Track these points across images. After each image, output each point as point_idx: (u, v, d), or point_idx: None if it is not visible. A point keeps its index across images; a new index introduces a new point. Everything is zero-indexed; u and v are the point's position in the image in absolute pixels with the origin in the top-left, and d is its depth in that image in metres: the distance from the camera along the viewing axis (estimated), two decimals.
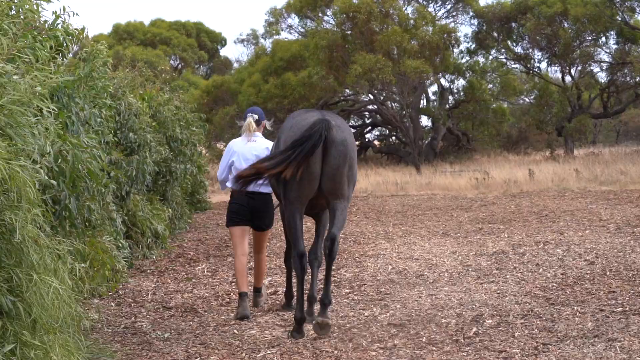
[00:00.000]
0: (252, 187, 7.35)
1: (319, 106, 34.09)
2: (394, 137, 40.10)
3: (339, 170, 6.65)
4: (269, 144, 7.81)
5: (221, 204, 20.54)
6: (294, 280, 7.41)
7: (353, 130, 40.11)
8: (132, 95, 11.49)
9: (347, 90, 36.18)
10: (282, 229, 7.66)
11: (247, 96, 33.67)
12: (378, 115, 37.52)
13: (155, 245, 11.85)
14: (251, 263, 9.82)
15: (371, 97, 35.16)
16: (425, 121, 38.78)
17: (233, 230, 7.88)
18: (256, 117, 7.94)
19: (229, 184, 7.96)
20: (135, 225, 11.25)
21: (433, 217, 15.92)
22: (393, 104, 34.25)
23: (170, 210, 13.55)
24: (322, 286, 7.09)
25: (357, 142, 39.75)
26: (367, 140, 41.09)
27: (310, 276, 7.11)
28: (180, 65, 52.48)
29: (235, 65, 53.23)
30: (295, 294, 7.46)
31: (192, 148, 15.81)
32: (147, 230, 11.48)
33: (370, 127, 41.16)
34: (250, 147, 7.81)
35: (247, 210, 7.77)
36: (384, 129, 41.25)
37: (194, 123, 16.89)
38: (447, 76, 36.74)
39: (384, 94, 33.65)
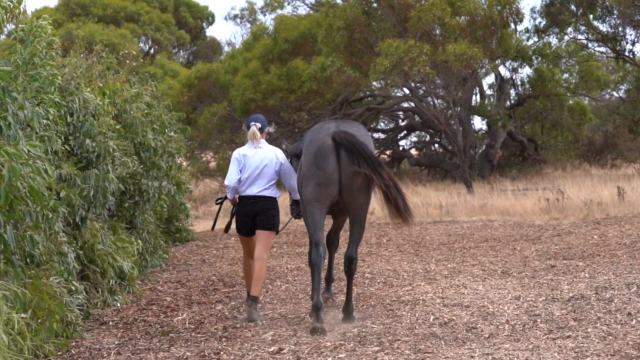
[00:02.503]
0: (257, 193, 10.48)
1: (337, 103, 34.10)
2: (436, 145, 40.08)
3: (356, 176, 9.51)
4: (277, 150, 10.70)
5: (207, 234, 20.55)
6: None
7: (383, 136, 40.11)
8: (88, 89, 11.52)
9: (375, 83, 36.14)
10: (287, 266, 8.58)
11: (241, 90, 33.71)
12: (416, 116, 37.50)
13: (119, 289, 11.84)
14: None
15: (407, 91, 35.13)
16: (478, 123, 38.76)
17: (242, 238, 10.80)
18: (259, 125, 10.65)
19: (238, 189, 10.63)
20: (94, 262, 11.25)
21: (489, 250, 15.87)
22: (436, 101, 34.18)
23: (140, 242, 13.55)
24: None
25: (388, 152, 39.81)
26: (401, 149, 41.05)
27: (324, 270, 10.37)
28: (152, 49, 52.66)
29: (226, 49, 53.50)
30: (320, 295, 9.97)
31: (169, 159, 15.84)
32: (109, 268, 11.48)
33: (405, 132, 41.14)
34: (258, 153, 10.56)
35: (251, 217, 10.51)
36: (423, 133, 41.21)
37: (172, 126, 16.94)
38: (507, 63, 36.69)
39: (424, 88, 33.60)
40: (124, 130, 13.48)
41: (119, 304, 11.46)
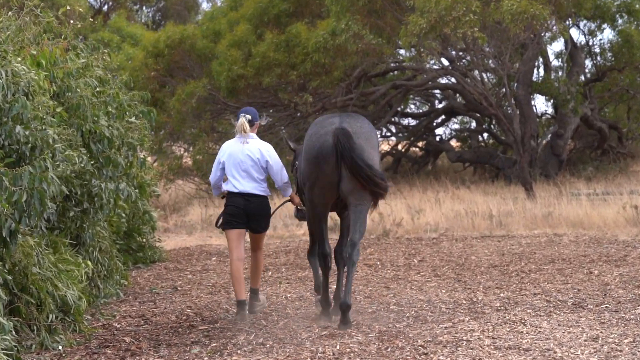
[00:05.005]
0: (248, 189, 12.69)
1: (353, 79, 34.04)
2: (485, 134, 40.05)
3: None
4: (262, 145, 12.97)
5: (180, 251, 20.56)
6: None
7: (413, 122, 40.11)
8: (19, 59, 11.49)
9: (403, 52, 35.94)
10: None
11: (227, 64, 33.43)
12: (458, 96, 37.46)
13: (62, 326, 11.81)
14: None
15: (445, 63, 34.99)
16: (542, 105, 38.75)
17: (229, 234, 12.93)
18: (249, 117, 12.92)
19: (223, 187, 13.00)
20: (27, 291, 11.22)
21: (556, 275, 15.86)
22: (485, 75, 34.00)
23: (89, 263, 13.53)
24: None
25: (420, 144, 39.86)
26: (438, 139, 40.98)
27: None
28: (106, 6, 52.67)
29: (205, 6, 53.47)
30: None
31: (128, 153, 15.78)
32: (47, 299, 11.46)
33: (444, 117, 41.09)
34: (243, 148, 12.81)
35: (243, 213, 12.77)
36: (468, 119, 41.19)
37: (132, 109, 16.86)
38: (581, 24, 36.59)
39: (469, 58, 33.48)
40: (68, 114, 13.41)
41: (60, 347, 11.42)
